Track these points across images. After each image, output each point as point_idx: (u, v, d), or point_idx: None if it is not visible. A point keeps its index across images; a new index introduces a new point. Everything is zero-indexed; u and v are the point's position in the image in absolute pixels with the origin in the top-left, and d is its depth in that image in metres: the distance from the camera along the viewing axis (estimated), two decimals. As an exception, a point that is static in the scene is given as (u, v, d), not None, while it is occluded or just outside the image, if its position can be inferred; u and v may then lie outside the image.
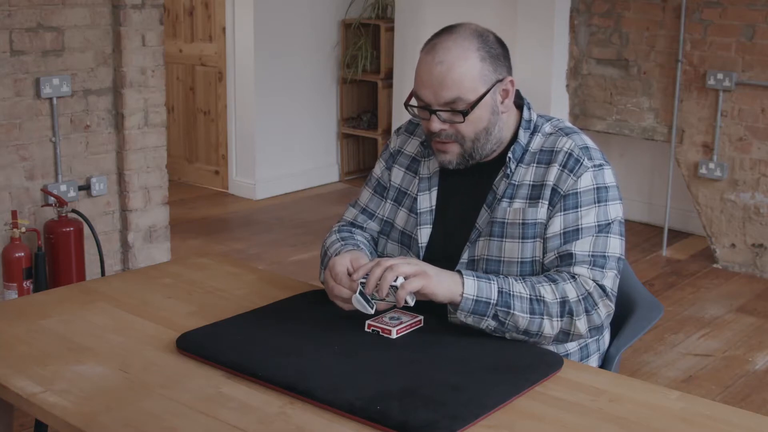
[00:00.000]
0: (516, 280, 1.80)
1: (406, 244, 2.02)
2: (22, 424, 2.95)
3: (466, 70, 1.84)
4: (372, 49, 6.23)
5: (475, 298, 1.75)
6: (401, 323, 1.81)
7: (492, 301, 1.75)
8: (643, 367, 3.61)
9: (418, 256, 1.98)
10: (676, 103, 4.79)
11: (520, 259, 1.89)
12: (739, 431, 1.52)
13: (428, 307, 1.92)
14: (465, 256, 1.93)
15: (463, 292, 1.75)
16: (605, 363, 1.99)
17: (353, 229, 2.10)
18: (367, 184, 2.16)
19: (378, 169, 2.14)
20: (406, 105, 1.94)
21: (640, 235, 5.23)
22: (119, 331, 1.88)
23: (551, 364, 1.71)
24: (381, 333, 1.80)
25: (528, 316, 1.76)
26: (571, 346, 1.90)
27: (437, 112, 1.86)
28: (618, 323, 2.03)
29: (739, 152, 4.63)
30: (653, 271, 4.68)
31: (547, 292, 1.78)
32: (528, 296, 1.77)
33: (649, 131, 4.97)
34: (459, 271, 1.79)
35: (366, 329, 1.81)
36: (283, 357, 1.70)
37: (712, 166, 4.70)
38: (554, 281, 1.81)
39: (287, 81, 5.98)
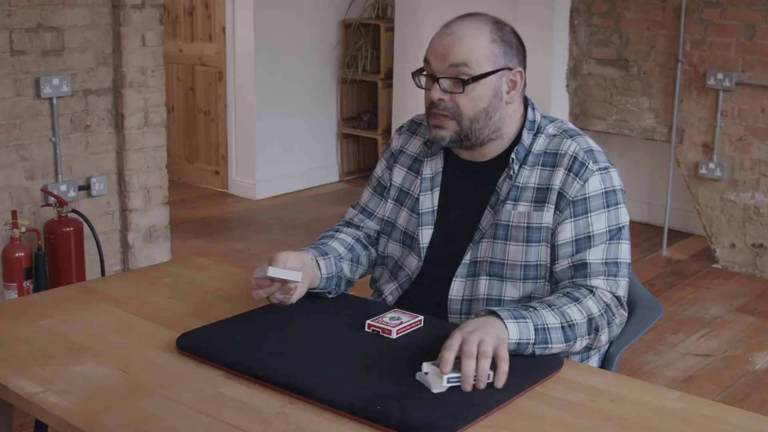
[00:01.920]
0: (545, 309, 1.74)
1: (408, 244, 2.02)
2: (22, 424, 2.95)
3: (475, 44, 1.85)
4: (372, 49, 6.23)
5: (517, 341, 1.69)
6: (401, 323, 1.81)
7: (531, 341, 1.71)
8: (643, 367, 3.61)
9: (419, 257, 1.98)
10: (676, 103, 4.79)
11: (524, 263, 1.89)
12: (739, 431, 1.52)
13: (428, 308, 1.92)
14: (468, 257, 1.93)
15: (508, 338, 1.68)
16: (605, 363, 1.99)
17: (343, 228, 2.10)
18: (368, 184, 2.16)
19: (379, 168, 2.14)
20: (413, 74, 1.94)
21: (640, 235, 5.23)
22: (119, 331, 1.88)
23: (551, 364, 1.71)
24: (381, 333, 1.80)
25: (564, 345, 1.74)
26: (572, 347, 1.90)
27: (440, 80, 1.87)
28: (618, 323, 2.03)
29: (739, 152, 4.63)
30: (653, 271, 4.68)
31: (575, 313, 1.76)
32: (560, 325, 1.74)
33: (649, 131, 4.97)
34: (495, 313, 1.70)
35: (366, 329, 1.81)
36: (283, 357, 1.69)
37: (712, 166, 4.70)
38: (577, 300, 1.79)
39: (287, 81, 5.98)
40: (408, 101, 5.79)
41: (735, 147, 4.63)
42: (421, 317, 1.85)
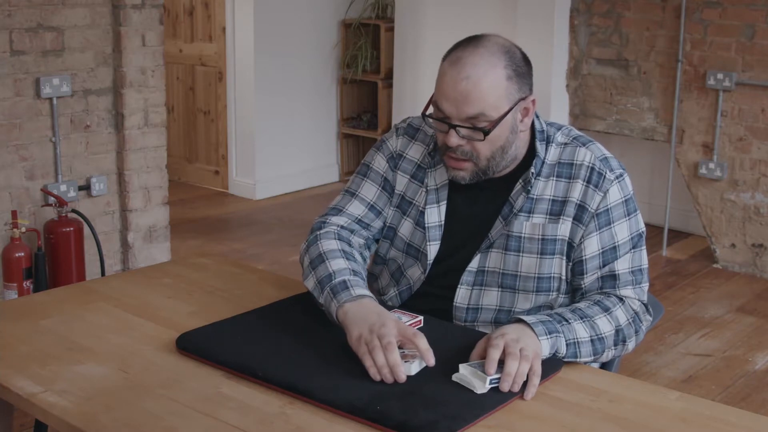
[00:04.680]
0: (577, 321, 1.75)
1: (413, 255, 1.98)
2: (22, 424, 2.95)
3: (491, 88, 1.78)
4: (372, 49, 6.23)
5: (548, 354, 1.70)
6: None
7: (560, 355, 1.72)
8: (643, 367, 3.61)
9: (424, 270, 1.95)
10: (676, 103, 4.79)
11: (537, 275, 1.88)
12: (739, 431, 1.52)
13: (428, 307, 1.92)
14: (474, 265, 1.90)
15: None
16: (605, 363, 1.99)
17: (351, 239, 1.97)
18: (366, 176, 2.04)
19: (379, 164, 2.03)
20: (424, 115, 1.88)
21: (640, 235, 5.22)
22: (119, 331, 1.88)
23: (551, 364, 1.71)
24: (381, 333, 1.79)
25: (592, 357, 1.76)
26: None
27: (457, 128, 1.81)
28: (618, 323, 2.03)
29: (739, 152, 4.63)
30: (653, 271, 4.68)
31: (605, 324, 1.78)
32: (590, 338, 1.75)
33: (649, 131, 4.97)
34: (528, 326, 1.69)
35: (366, 329, 1.81)
36: (283, 357, 1.69)
37: (712, 166, 4.70)
38: (607, 310, 1.80)
39: (287, 81, 5.98)
40: (408, 101, 5.79)
41: (735, 147, 4.63)
42: (421, 317, 1.85)
